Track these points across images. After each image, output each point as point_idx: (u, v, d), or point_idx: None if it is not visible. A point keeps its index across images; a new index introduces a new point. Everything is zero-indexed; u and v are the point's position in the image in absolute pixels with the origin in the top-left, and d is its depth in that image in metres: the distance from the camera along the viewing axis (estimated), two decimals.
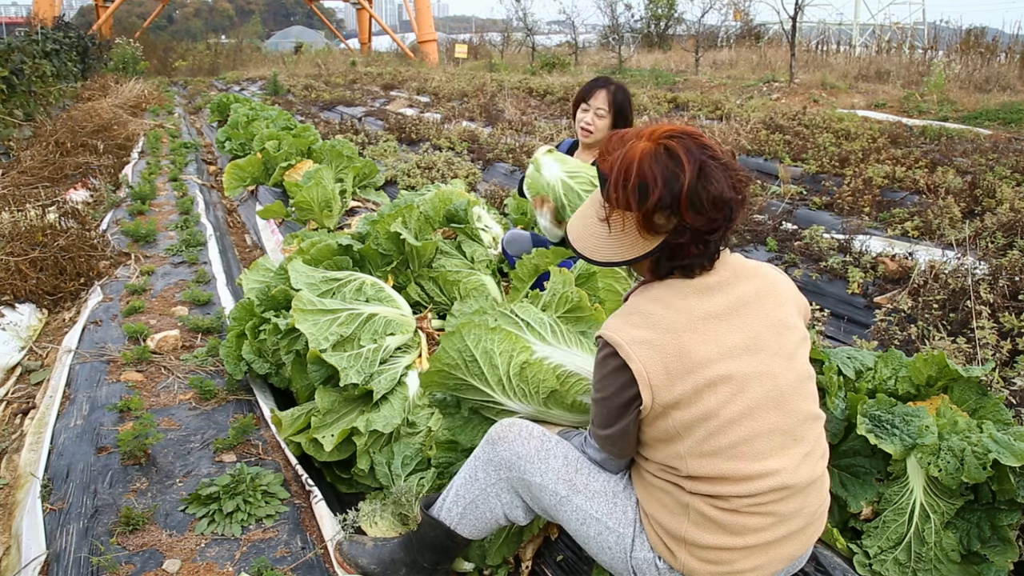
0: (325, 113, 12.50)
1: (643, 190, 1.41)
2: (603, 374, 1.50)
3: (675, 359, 1.42)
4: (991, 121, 9.97)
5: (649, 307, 1.48)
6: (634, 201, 1.42)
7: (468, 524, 1.78)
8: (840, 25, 27.56)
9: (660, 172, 1.40)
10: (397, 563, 1.92)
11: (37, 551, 2.02)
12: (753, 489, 1.44)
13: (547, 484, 1.66)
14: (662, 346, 1.42)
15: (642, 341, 1.43)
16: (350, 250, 3.14)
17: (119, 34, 26.13)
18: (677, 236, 1.44)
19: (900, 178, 6.02)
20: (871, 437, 1.89)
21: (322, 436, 2.36)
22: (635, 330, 1.45)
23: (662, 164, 1.41)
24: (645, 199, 1.41)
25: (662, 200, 1.40)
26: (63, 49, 14.40)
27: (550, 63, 21.03)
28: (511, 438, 1.72)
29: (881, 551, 1.87)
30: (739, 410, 1.43)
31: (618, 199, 1.44)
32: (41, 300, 3.99)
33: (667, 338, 1.43)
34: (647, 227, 1.44)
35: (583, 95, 3.28)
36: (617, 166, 1.44)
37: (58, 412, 2.80)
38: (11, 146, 7.70)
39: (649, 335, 1.43)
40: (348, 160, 5.57)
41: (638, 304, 1.51)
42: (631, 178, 1.41)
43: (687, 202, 1.40)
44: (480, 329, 1.89)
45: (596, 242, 1.53)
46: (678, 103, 12.05)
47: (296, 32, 55.94)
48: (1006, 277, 3.36)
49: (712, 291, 1.49)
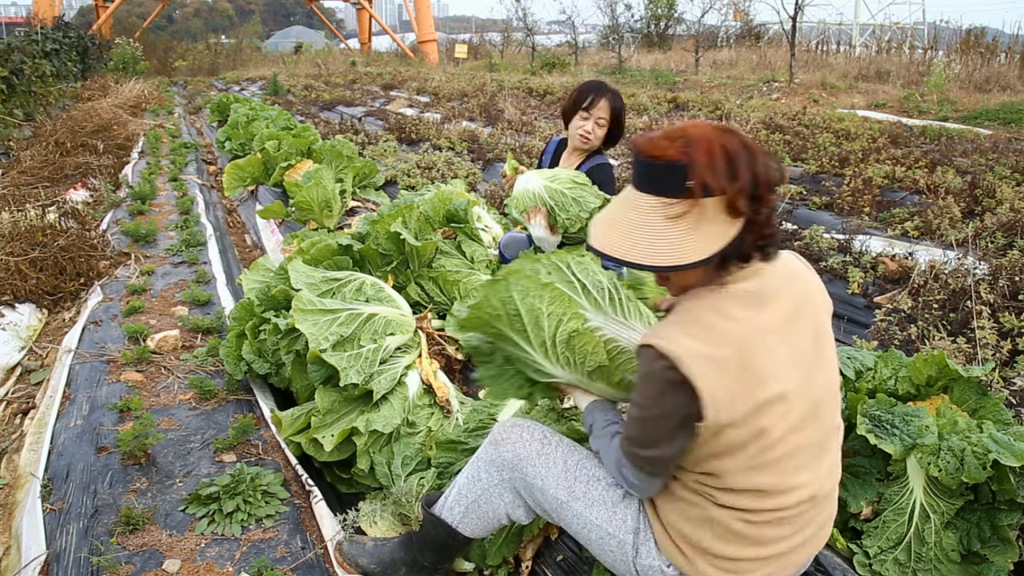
0: (325, 113, 12.50)
1: (732, 169, 1.30)
2: (655, 390, 1.35)
3: (737, 378, 1.32)
4: (991, 121, 9.98)
5: (709, 317, 1.36)
6: (726, 181, 1.30)
7: (470, 523, 1.79)
8: (840, 25, 27.57)
9: (740, 150, 1.32)
10: (397, 562, 1.93)
11: (37, 551, 2.02)
12: (786, 502, 1.42)
13: (547, 488, 1.67)
14: (725, 362, 1.32)
15: (706, 356, 1.31)
16: (350, 250, 3.14)
17: (119, 34, 26.14)
18: (756, 215, 1.34)
19: (900, 178, 6.01)
20: (871, 437, 1.89)
21: (322, 436, 2.36)
22: (695, 343, 1.32)
23: (739, 141, 1.34)
24: (735, 178, 1.30)
25: (754, 179, 1.32)
26: (63, 49, 14.40)
27: (550, 63, 21.04)
28: (513, 439, 1.73)
29: (881, 551, 1.87)
30: (788, 427, 1.38)
31: (709, 183, 1.30)
32: (41, 300, 3.99)
33: (731, 354, 1.32)
34: (732, 210, 1.32)
35: (582, 102, 3.21)
36: (695, 150, 1.31)
37: (58, 412, 2.79)
38: (11, 146, 7.70)
39: (712, 350, 1.32)
40: (348, 160, 5.57)
41: (694, 312, 1.38)
42: (718, 158, 1.30)
43: (765, 180, 1.33)
44: (529, 282, 1.68)
45: (668, 245, 1.32)
46: (678, 103, 12.06)
47: (296, 32, 55.95)
48: (1006, 277, 3.36)
49: (767, 301, 1.40)
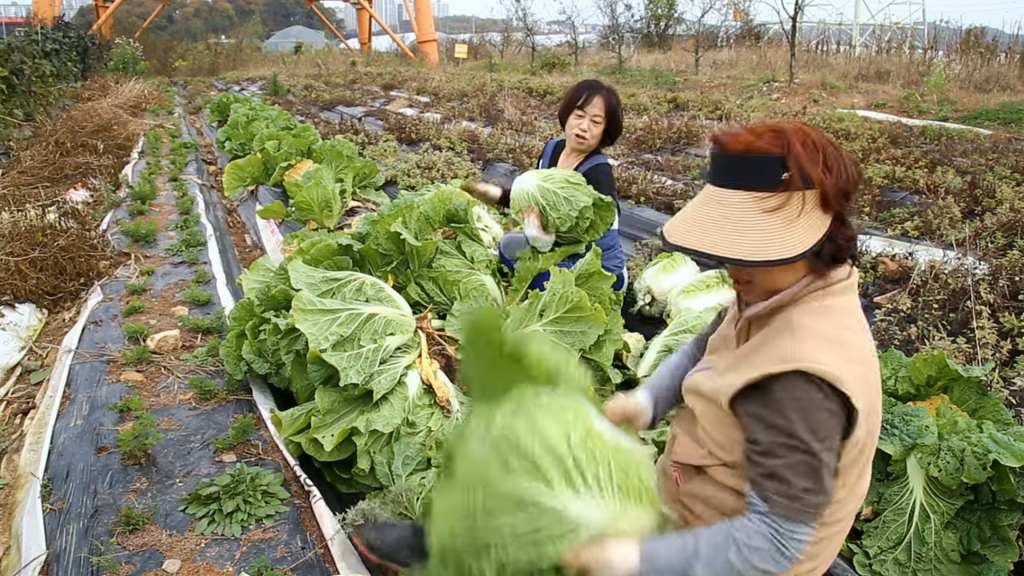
0: (325, 113, 12.50)
1: (827, 161, 1.27)
2: (819, 419, 1.23)
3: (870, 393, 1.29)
4: (991, 121, 9.97)
5: (847, 337, 1.30)
6: (826, 172, 1.26)
7: None
8: (840, 25, 27.57)
9: (829, 145, 1.30)
10: (402, 543, 1.94)
11: (37, 551, 2.02)
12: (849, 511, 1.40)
13: None
14: (866, 378, 1.29)
15: (855, 375, 1.25)
16: (350, 250, 3.14)
17: (119, 34, 26.14)
18: (843, 211, 1.30)
19: (900, 178, 6.01)
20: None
21: (322, 436, 2.36)
22: (846, 363, 1.25)
23: (825, 138, 1.31)
24: (829, 170, 1.26)
25: (843, 171, 1.28)
26: (63, 49, 14.40)
27: (550, 63, 21.05)
28: None
29: (881, 551, 1.87)
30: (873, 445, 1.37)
31: (806, 176, 1.26)
32: (41, 300, 3.99)
33: (865, 369, 1.30)
34: (825, 204, 1.27)
35: (576, 101, 3.19)
36: (791, 142, 1.27)
37: (58, 412, 2.79)
38: (11, 146, 7.70)
39: (858, 369, 1.27)
40: (348, 160, 5.57)
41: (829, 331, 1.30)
42: (815, 150, 1.27)
43: (853, 176, 1.29)
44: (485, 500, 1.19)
45: (771, 238, 1.26)
46: (678, 103, 12.06)
47: (296, 32, 55.95)
48: (1006, 277, 3.36)
49: (862, 317, 1.37)
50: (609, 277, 2.86)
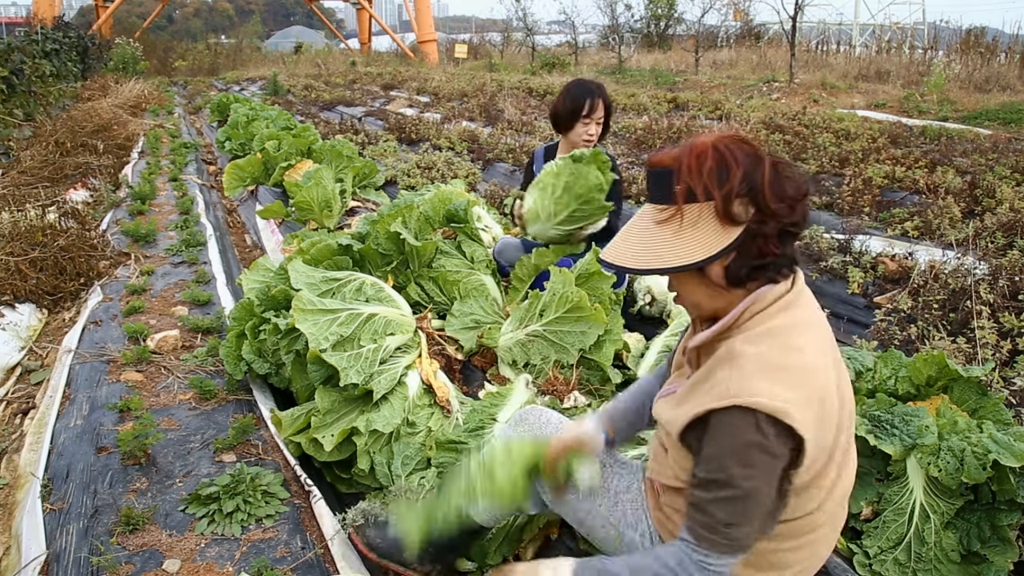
0: (325, 113, 12.50)
1: (722, 172, 1.26)
2: (754, 458, 1.23)
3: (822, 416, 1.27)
4: (991, 121, 9.97)
5: (785, 357, 1.27)
6: (713, 185, 1.26)
7: (483, 510, 1.79)
8: (840, 25, 27.57)
9: (740, 155, 1.28)
10: (402, 543, 1.94)
11: (37, 551, 2.02)
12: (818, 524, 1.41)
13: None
14: (817, 402, 1.27)
15: (805, 401, 1.24)
16: (350, 250, 3.14)
17: (119, 34, 26.14)
18: (758, 226, 1.27)
19: (900, 178, 6.01)
20: (871, 438, 1.89)
21: (322, 436, 2.36)
22: (791, 391, 1.23)
23: (740, 148, 1.29)
24: (725, 181, 1.26)
25: (743, 182, 1.26)
26: (63, 49, 14.40)
27: (550, 63, 21.05)
28: (531, 420, 1.79)
29: (881, 551, 1.87)
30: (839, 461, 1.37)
31: (691, 188, 1.27)
32: (41, 300, 3.99)
33: (814, 392, 1.27)
34: (726, 216, 1.26)
35: (581, 110, 3.14)
36: (686, 156, 1.29)
37: (58, 412, 2.79)
38: (11, 146, 7.70)
39: (805, 393, 1.25)
40: (348, 160, 5.57)
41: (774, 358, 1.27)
42: (707, 161, 1.27)
43: (768, 186, 1.26)
44: None
45: (658, 247, 1.30)
46: (678, 103, 12.06)
47: (296, 32, 55.94)
48: (1006, 277, 3.36)
49: (816, 326, 1.35)
50: (609, 277, 2.86)
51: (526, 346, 2.78)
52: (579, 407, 2.51)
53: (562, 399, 2.56)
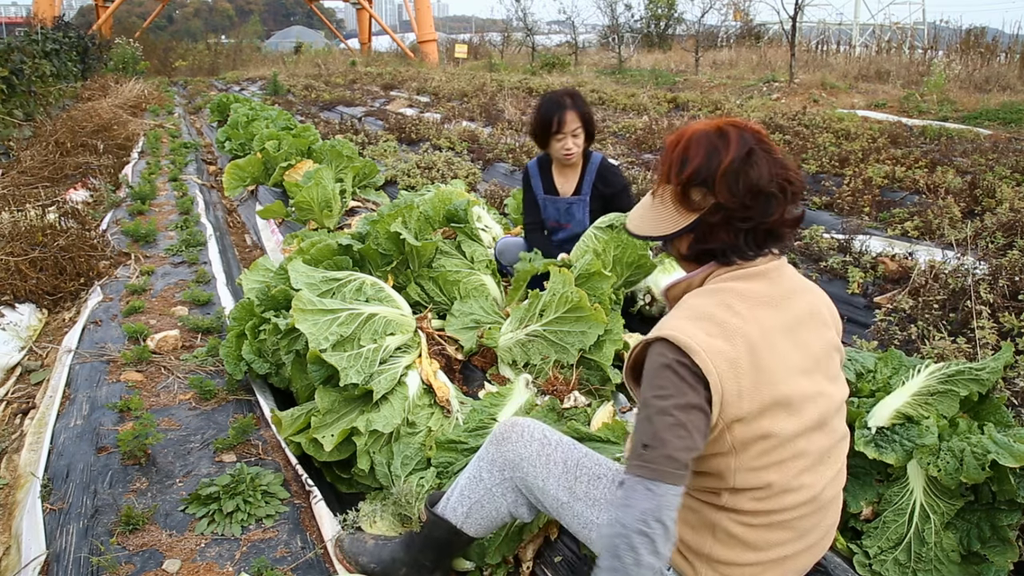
0: (325, 113, 12.50)
1: (683, 161, 1.42)
2: (667, 380, 1.32)
3: (746, 374, 1.34)
4: (991, 121, 9.97)
5: (721, 314, 1.38)
6: (673, 171, 1.43)
7: (474, 523, 1.79)
8: (840, 25, 27.57)
9: (704, 146, 1.41)
10: (398, 562, 1.93)
11: (37, 551, 2.02)
12: (787, 503, 1.42)
13: (548, 488, 1.67)
14: (738, 360, 1.34)
15: (718, 351, 1.33)
16: (350, 250, 3.14)
17: (119, 34, 26.12)
18: (710, 215, 1.42)
19: (900, 178, 6.01)
20: (870, 451, 1.89)
21: (322, 436, 2.35)
22: (708, 337, 1.34)
23: (709, 140, 1.42)
24: (682, 170, 1.42)
25: (698, 173, 1.40)
26: (63, 49, 14.40)
27: (550, 63, 21.04)
28: (514, 439, 1.73)
29: (881, 551, 1.87)
30: (794, 431, 1.40)
31: (662, 170, 1.47)
32: (41, 300, 3.99)
33: (742, 351, 1.35)
34: (683, 201, 1.43)
35: (550, 127, 3.08)
36: (671, 140, 1.47)
37: (58, 412, 2.79)
38: (11, 146, 7.70)
39: (724, 345, 1.34)
40: (348, 160, 5.57)
41: (705, 308, 1.40)
42: (676, 149, 1.44)
43: (722, 179, 1.38)
44: None
45: (640, 213, 1.53)
46: (678, 103, 12.06)
47: (296, 32, 55.93)
48: (1006, 277, 3.36)
49: (777, 304, 1.43)
50: (609, 277, 2.86)
51: (526, 346, 2.78)
52: (579, 407, 2.51)
53: (562, 399, 2.56)
